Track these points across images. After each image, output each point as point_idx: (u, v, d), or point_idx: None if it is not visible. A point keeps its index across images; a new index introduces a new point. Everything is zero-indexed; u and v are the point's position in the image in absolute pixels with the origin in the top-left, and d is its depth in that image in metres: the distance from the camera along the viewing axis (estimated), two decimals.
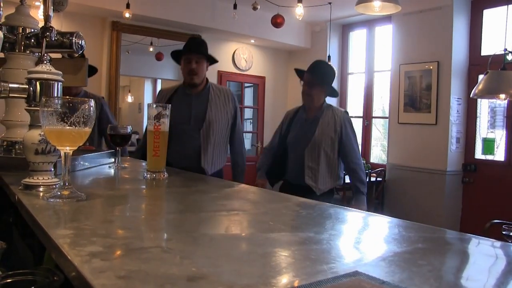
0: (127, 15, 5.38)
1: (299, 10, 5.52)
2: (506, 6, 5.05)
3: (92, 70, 3.51)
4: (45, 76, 1.34)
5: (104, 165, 2.06)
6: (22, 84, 1.36)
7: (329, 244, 0.85)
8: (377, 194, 6.20)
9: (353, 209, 1.27)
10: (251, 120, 8.18)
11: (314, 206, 1.26)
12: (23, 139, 1.34)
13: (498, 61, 3.79)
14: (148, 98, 8.80)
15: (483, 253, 0.90)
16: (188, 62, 2.99)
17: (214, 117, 2.99)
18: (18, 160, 1.57)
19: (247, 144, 8.13)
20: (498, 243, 0.91)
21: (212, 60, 3.11)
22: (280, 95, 8.07)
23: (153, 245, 0.80)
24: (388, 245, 0.88)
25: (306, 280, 0.62)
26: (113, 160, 2.14)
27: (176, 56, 3.13)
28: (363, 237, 0.99)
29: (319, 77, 3.12)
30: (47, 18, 1.55)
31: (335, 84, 7.29)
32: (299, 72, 3.29)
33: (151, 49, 6.87)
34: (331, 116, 3.14)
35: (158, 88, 8.11)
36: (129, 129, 2.09)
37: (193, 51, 3.00)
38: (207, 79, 3.11)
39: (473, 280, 0.70)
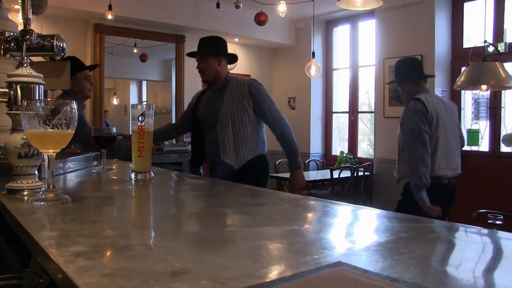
0: (109, 16, 5.35)
1: (282, 7, 5.53)
2: None
3: (94, 66, 3.47)
4: (25, 79, 1.33)
5: (89, 168, 2.05)
6: (3, 88, 1.35)
7: (313, 236, 0.86)
8: (365, 188, 6.24)
9: (338, 202, 1.27)
10: None
11: (299, 200, 1.27)
12: (5, 143, 1.33)
13: (479, 53, 3.83)
14: (134, 99, 8.75)
15: (466, 240, 0.91)
16: (197, 62, 3.14)
17: (228, 110, 3.02)
18: (1, 165, 1.56)
19: None
20: (481, 230, 0.92)
21: (226, 54, 3.15)
22: None
23: (138, 243, 0.80)
24: (371, 236, 0.89)
25: (290, 271, 0.63)
26: (97, 162, 2.13)
27: None
28: (347, 229, 1.00)
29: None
30: (26, 21, 1.54)
31: (320, 79, 7.34)
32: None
33: (135, 51, 6.84)
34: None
35: (144, 89, 8.05)
36: (114, 130, 2.08)
37: (197, 51, 3.13)
38: (228, 74, 3.15)
39: (454, 266, 0.71)
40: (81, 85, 3.24)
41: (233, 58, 3.22)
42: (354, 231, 0.97)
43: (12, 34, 1.76)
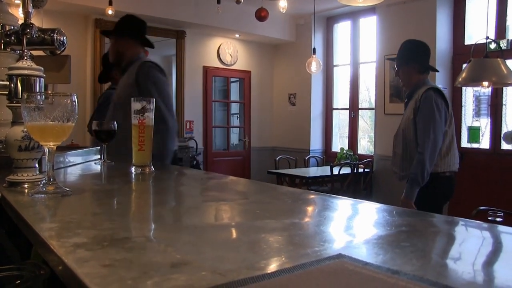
0: (110, 12, 5.34)
1: (283, 3, 5.52)
2: None
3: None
4: (26, 72, 1.33)
5: (90, 162, 2.05)
6: (3, 80, 1.35)
7: (314, 229, 0.86)
8: (365, 185, 6.25)
9: (338, 196, 1.27)
10: (238, 115, 8.18)
11: (299, 194, 1.27)
12: (6, 136, 1.33)
13: (480, 50, 3.83)
14: None
15: (467, 234, 0.91)
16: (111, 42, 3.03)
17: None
18: (2, 159, 1.56)
19: (234, 140, 8.13)
20: (482, 225, 0.92)
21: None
22: (266, 89, 8.07)
23: (138, 235, 0.80)
24: (372, 229, 0.89)
25: (290, 263, 0.62)
26: (99, 156, 2.13)
27: None
28: (348, 222, 1.00)
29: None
30: (27, 14, 1.53)
31: (320, 75, 7.32)
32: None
33: None
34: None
35: None
36: (114, 124, 2.07)
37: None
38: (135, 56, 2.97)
39: (454, 259, 0.71)
40: None
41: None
42: (354, 225, 0.97)
43: (12, 28, 1.76)
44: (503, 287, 0.58)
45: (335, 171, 5.72)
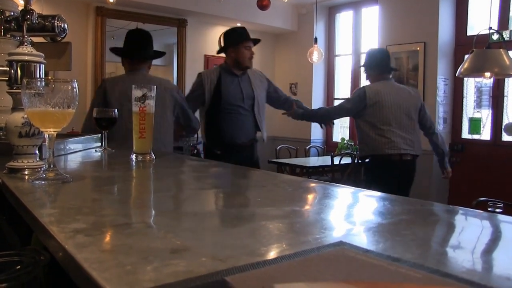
0: (111, 0, 5.31)
1: None
2: None
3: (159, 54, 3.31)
4: (26, 58, 1.32)
5: (90, 149, 2.05)
6: (3, 66, 1.34)
7: (314, 217, 0.86)
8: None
9: (339, 185, 1.27)
10: None
11: (300, 182, 1.27)
12: (6, 122, 1.32)
13: (483, 41, 3.81)
14: None
15: (467, 223, 0.91)
16: (249, 48, 3.61)
17: (259, 95, 3.50)
18: (2, 145, 1.55)
19: None
20: (482, 214, 0.92)
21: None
22: None
23: (138, 221, 0.80)
24: (373, 217, 0.89)
25: (290, 250, 0.62)
26: (99, 143, 2.13)
27: (231, 42, 3.55)
28: (348, 210, 1.00)
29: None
30: (27, 0, 1.53)
31: (322, 65, 7.31)
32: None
33: None
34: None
35: None
36: (115, 112, 2.07)
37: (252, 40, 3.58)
38: None
39: (454, 247, 0.71)
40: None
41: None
42: (355, 213, 0.97)
43: (12, 14, 1.75)
44: (502, 275, 0.58)
45: (336, 161, 5.72)
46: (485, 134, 5.50)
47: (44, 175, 1.14)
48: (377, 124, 3.57)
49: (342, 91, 7.52)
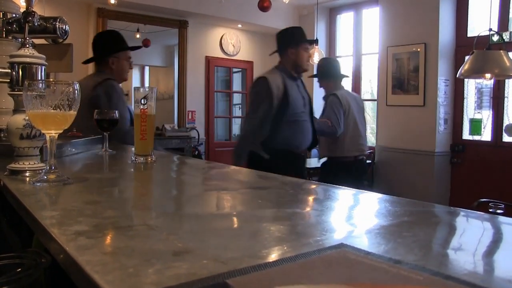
0: (112, 1, 5.33)
1: None
2: None
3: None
4: (27, 60, 1.32)
5: (91, 151, 2.05)
6: (5, 68, 1.34)
7: (316, 219, 0.86)
8: (366, 176, 6.24)
9: (340, 186, 1.27)
10: (240, 106, 8.17)
11: (301, 184, 1.27)
12: (7, 124, 1.32)
13: (483, 42, 3.81)
14: (136, 85, 8.73)
15: (469, 225, 0.91)
16: (307, 50, 3.31)
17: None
18: (3, 147, 1.56)
19: (236, 130, 8.13)
20: (484, 216, 0.92)
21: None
22: None
23: (140, 223, 0.80)
24: (374, 219, 0.89)
25: (292, 252, 0.62)
26: (100, 145, 2.12)
27: (291, 43, 3.23)
28: (350, 212, 1.00)
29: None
30: (28, 2, 1.53)
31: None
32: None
33: (138, 36, 6.80)
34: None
35: (146, 75, 8.02)
36: (116, 114, 2.07)
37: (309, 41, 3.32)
38: None
39: (456, 249, 0.71)
40: (121, 66, 2.98)
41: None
42: (356, 215, 0.96)
43: (14, 16, 1.75)
44: (504, 277, 0.58)
45: None
46: (486, 135, 5.50)
47: (45, 177, 1.14)
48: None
49: None
